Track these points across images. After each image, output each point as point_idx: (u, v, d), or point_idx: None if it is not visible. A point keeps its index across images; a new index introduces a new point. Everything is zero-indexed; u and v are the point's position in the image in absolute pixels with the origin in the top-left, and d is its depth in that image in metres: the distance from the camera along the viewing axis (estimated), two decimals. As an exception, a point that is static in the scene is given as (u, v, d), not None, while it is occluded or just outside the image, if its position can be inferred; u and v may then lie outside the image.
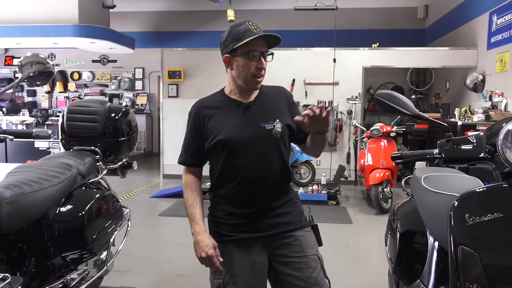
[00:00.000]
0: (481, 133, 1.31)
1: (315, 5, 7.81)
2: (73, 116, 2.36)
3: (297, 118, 1.53)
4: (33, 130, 1.86)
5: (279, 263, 1.69)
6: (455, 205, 1.24)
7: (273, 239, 1.68)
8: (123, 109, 2.52)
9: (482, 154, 1.25)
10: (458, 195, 1.28)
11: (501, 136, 1.15)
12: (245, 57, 1.61)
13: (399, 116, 5.89)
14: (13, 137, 1.78)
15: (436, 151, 1.39)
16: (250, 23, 1.62)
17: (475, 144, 1.30)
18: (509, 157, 1.14)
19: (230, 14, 7.34)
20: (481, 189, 1.24)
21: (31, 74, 1.84)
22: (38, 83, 1.91)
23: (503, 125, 1.18)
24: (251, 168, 1.65)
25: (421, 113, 1.50)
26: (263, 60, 1.63)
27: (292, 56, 7.17)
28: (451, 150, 1.35)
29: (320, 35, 8.76)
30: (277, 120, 1.67)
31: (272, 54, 1.67)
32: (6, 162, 7.79)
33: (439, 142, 1.41)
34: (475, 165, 1.32)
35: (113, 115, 2.43)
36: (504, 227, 1.11)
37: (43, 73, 1.87)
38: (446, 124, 1.49)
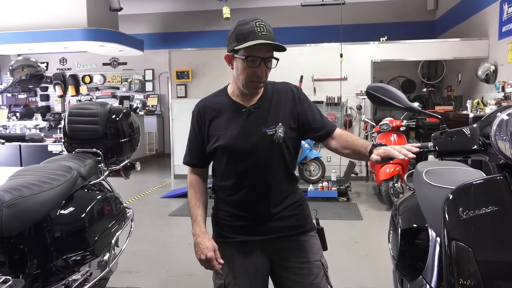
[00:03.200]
0: (475, 125, 1.27)
1: (322, 1, 7.73)
2: (74, 118, 2.38)
3: (375, 158, 1.39)
4: (26, 134, 1.88)
5: (281, 267, 1.67)
6: (449, 198, 1.20)
7: (276, 243, 1.65)
8: (124, 110, 2.53)
9: (476, 146, 1.21)
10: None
11: (494, 127, 1.11)
12: (244, 61, 1.51)
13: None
14: (4, 141, 1.80)
15: (430, 144, 1.35)
16: (257, 23, 1.49)
17: (469, 136, 1.26)
18: (502, 148, 1.10)
19: (226, 12, 7.21)
20: (476, 182, 1.20)
21: (23, 78, 1.85)
22: (30, 86, 1.91)
23: (497, 114, 1.14)
24: (252, 174, 1.61)
25: (413, 105, 1.44)
26: (263, 66, 1.53)
27: (299, 52, 7.12)
28: (444, 142, 1.31)
29: (328, 30, 8.68)
30: (280, 124, 1.59)
31: (277, 59, 1.56)
32: (21, 165, 7.94)
33: (433, 134, 1.37)
34: (470, 158, 1.28)
35: (113, 116, 2.43)
36: (498, 221, 1.07)
37: (34, 76, 1.88)
38: (439, 116, 1.45)
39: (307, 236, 1.68)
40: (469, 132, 1.26)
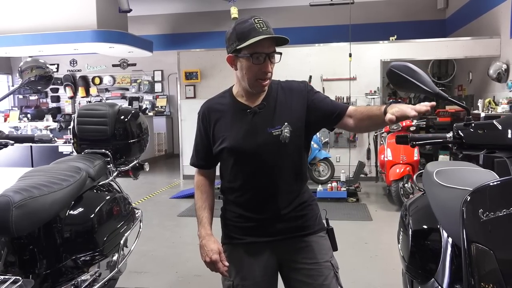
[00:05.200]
0: (505, 119, 1.21)
1: (331, 0, 7.69)
2: (83, 119, 2.39)
3: (390, 117, 1.30)
4: (35, 135, 1.88)
5: (290, 269, 1.65)
6: (468, 200, 1.17)
7: (284, 244, 1.64)
8: (132, 111, 2.53)
9: None
10: (471, 189, 1.21)
11: None
12: (249, 59, 1.49)
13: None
14: (13, 142, 1.80)
15: (450, 134, 1.29)
16: (256, 19, 1.48)
17: (501, 130, 1.20)
18: None
19: (234, 12, 7.10)
20: (495, 183, 1.17)
21: (32, 79, 1.85)
22: (39, 87, 1.92)
23: None
24: (259, 176, 1.59)
25: (441, 91, 1.33)
26: (268, 62, 1.51)
27: (308, 52, 7.09)
28: (473, 134, 1.24)
29: (337, 30, 8.64)
30: (286, 123, 1.56)
31: (280, 54, 1.53)
32: (32, 166, 8.03)
33: (456, 125, 1.29)
34: (495, 153, 1.23)
35: (122, 117, 2.44)
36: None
37: (43, 77, 1.88)
38: (467, 107, 1.39)
39: (316, 237, 1.66)
40: (501, 126, 1.21)
